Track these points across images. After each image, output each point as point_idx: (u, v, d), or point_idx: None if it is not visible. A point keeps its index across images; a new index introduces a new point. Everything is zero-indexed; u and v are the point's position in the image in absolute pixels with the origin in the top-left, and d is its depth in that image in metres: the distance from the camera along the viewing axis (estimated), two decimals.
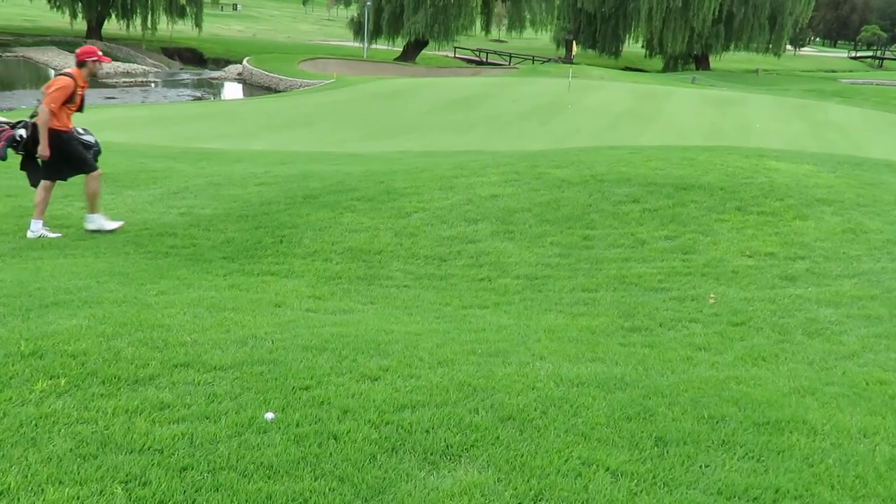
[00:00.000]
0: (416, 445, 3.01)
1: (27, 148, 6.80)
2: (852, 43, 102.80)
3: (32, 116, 6.77)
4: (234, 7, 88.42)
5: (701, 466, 2.99)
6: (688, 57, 58.98)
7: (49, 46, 46.77)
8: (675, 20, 53.15)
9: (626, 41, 62.23)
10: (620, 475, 2.88)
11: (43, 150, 6.62)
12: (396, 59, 52.18)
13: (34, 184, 6.97)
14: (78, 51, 6.96)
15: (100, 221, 7.03)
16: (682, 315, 5.31)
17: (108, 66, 41.79)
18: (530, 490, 2.74)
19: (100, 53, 6.92)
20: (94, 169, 7.00)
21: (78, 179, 7.16)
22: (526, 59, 58.59)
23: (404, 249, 6.76)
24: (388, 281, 6.09)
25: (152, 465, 2.76)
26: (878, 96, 39.84)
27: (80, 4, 48.97)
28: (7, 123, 6.84)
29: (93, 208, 7.03)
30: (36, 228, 6.85)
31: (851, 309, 5.36)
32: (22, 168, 7.05)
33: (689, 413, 3.45)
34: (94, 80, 7.98)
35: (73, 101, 6.76)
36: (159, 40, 51.28)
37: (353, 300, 5.52)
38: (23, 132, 6.74)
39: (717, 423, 3.38)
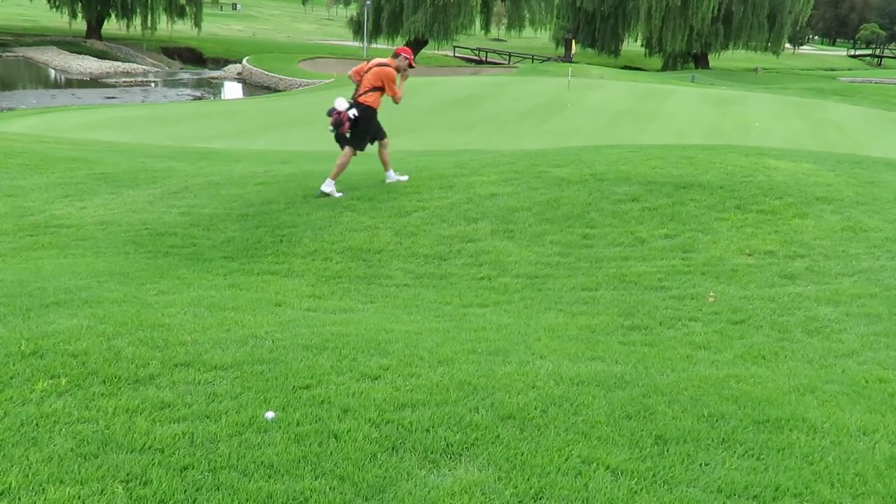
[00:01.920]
0: (417, 444, 3.01)
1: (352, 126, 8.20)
2: (851, 41, 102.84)
3: (353, 99, 8.22)
4: (234, 6, 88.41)
5: (701, 465, 2.99)
6: (687, 55, 59.00)
7: (49, 46, 46.82)
8: (675, 19, 53.16)
9: (626, 40, 62.25)
10: (620, 473, 2.88)
11: (398, 96, 8.39)
12: None
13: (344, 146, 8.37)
14: (398, 48, 8.67)
15: (395, 176, 8.69)
16: (682, 313, 5.31)
17: (108, 66, 41.93)
18: (530, 489, 2.75)
19: (412, 58, 8.55)
20: (385, 136, 8.50)
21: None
22: (525, 58, 58.61)
23: (404, 248, 6.76)
24: (388, 280, 6.09)
25: (153, 464, 2.76)
26: (877, 94, 39.90)
27: (79, 4, 48.98)
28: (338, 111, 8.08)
29: (387, 167, 8.67)
30: (330, 185, 8.20)
31: (851, 307, 5.36)
32: (338, 139, 8.37)
33: (688, 411, 3.45)
34: (95, 81, 8.29)
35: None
36: (159, 40, 51.28)
37: (353, 299, 5.53)
38: (355, 111, 8.13)
39: (716, 421, 3.38)
